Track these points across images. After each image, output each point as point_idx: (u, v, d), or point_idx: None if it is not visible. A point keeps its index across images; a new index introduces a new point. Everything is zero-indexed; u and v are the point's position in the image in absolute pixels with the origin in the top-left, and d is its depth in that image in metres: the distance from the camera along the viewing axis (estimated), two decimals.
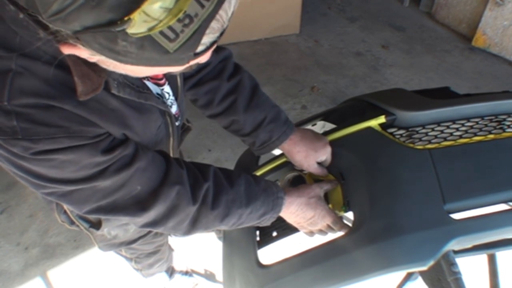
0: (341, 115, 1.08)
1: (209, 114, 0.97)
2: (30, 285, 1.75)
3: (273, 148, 0.94)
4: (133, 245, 1.14)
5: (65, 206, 0.94)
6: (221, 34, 0.47)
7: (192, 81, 0.91)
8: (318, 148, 0.91)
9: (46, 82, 0.53)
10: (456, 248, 0.74)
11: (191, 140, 2.26)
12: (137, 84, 0.66)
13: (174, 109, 0.86)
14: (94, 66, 0.52)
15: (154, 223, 0.72)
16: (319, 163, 0.94)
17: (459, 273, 0.74)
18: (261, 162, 1.10)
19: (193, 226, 0.75)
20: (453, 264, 0.74)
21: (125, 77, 0.62)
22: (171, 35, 0.40)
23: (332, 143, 0.93)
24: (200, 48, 0.45)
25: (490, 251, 0.95)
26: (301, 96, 2.70)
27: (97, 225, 0.96)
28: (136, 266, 1.37)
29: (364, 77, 2.88)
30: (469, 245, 0.76)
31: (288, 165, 1.00)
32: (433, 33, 3.34)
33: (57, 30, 0.40)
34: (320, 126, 1.16)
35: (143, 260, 1.32)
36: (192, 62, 0.48)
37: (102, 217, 0.67)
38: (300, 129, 0.96)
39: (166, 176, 0.70)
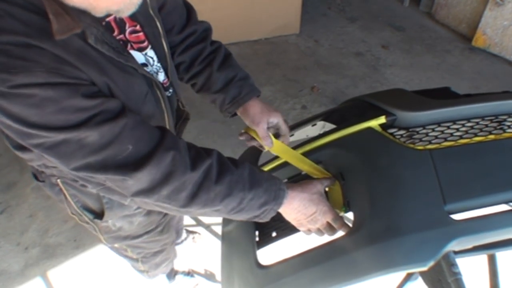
0: (341, 115, 1.08)
1: (189, 76, 1.04)
2: (30, 285, 1.75)
3: (241, 104, 1.00)
4: (139, 242, 1.13)
5: (68, 196, 0.94)
6: None
7: (181, 48, 1.00)
8: (271, 109, 1.01)
9: (25, 24, 0.56)
10: (457, 248, 0.74)
11: (190, 140, 2.25)
12: (116, 45, 0.68)
13: (161, 77, 0.88)
14: (66, 8, 0.55)
15: (147, 190, 0.70)
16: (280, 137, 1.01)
17: (459, 273, 0.73)
18: (261, 162, 1.10)
19: (192, 199, 0.73)
20: (453, 264, 0.74)
21: (103, 34, 0.65)
22: None
23: (332, 144, 0.93)
24: None
25: (490, 252, 0.95)
26: (301, 96, 2.70)
27: (100, 215, 0.97)
28: (142, 268, 1.35)
29: (364, 77, 2.88)
30: (469, 246, 0.76)
31: (287, 166, 1.00)
32: (433, 33, 3.34)
33: None
34: (320, 126, 1.16)
35: (150, 260, 1.30)
36: None
37: (91, 175, 0.67)
38: None
39: (160, 141, 0.70)
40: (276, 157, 1.04)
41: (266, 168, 1.03)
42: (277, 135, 1.02)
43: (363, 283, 0.74)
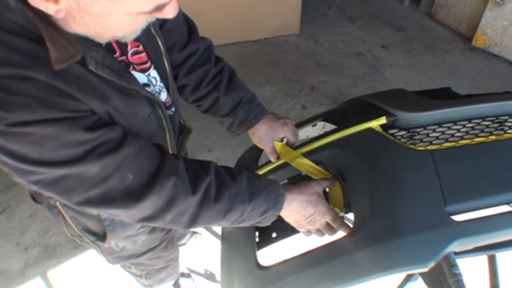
0: (341, 116, 1.08)
1: (194, 98, 1.02)
2: (30, 285, 1.75)
3: (249, 127, 1.02)
4: (143, 260, 1.11)
5: (68, 219, 0.93)
6: None
7: (185, 69, 0.98)
8: (275, 127, 1.02)
9: (21, 53, 0.52)
10: (457, 249, 0.74)
11: (191, 141, 2.25)
12: (118, 67, 0.65)
13: (163, 97, 0.87)
14: (66, 34, 0.53)
15: (151, 217, 0.70)
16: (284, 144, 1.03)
17: (460, 274, 0.73)
18: (261, 162, 1.10)
19: (195, 219, 0.73)
20: (454, 265, 0.74)
21: (104, 57, 0.62)
22: None
23: (333, 144, 0.93)
24: None
25: (491, 252, 0.95)
26: (301, 96, 2.69)
27: (102, 237, 0.95)
28: (146, 282, 1.32)
29: (364, 77, 2.88)
30: (470, 247, 0.76)
31: (287, 166, 1.00)
32: (433, 33, 3.33)
33: None
34: (321, 127, 1.16)
35: (154, 276, 1.28)
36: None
37: (94, 210, 0.65)
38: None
39: (160, 166, 0.68)
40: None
41: (266, 169, 1.03)
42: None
43: (363, 284, 0.74)
